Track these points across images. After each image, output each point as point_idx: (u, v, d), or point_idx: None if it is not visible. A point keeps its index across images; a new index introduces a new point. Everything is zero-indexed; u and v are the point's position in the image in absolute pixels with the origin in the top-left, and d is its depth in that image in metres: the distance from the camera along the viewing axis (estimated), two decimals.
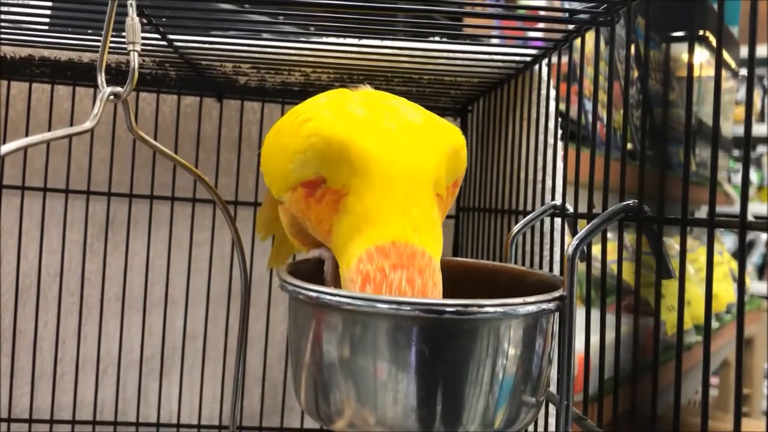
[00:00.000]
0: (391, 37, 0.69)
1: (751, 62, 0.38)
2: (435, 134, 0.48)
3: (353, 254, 0.43)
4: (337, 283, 0.51)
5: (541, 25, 0.64)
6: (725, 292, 1.98)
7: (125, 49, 0.47)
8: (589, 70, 1.15)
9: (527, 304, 0.41)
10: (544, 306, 0.42)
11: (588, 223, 0.45)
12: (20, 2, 0.67)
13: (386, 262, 0.42)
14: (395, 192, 0.44)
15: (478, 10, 0.68)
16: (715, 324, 1.88)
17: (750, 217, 0.36)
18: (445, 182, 0.48)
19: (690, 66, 0.44)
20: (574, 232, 0.55)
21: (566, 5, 1.18)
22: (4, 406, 0.89)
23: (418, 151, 0.46)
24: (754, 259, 3.41)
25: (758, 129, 3.25)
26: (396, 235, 0.43)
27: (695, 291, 1.47)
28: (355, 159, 0.45)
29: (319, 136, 0.45)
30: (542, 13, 0.61)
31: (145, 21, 0.59)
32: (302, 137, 0.46)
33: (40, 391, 0.90)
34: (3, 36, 0.69)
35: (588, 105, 1.25)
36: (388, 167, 0.45)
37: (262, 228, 0.67)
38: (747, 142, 0.39)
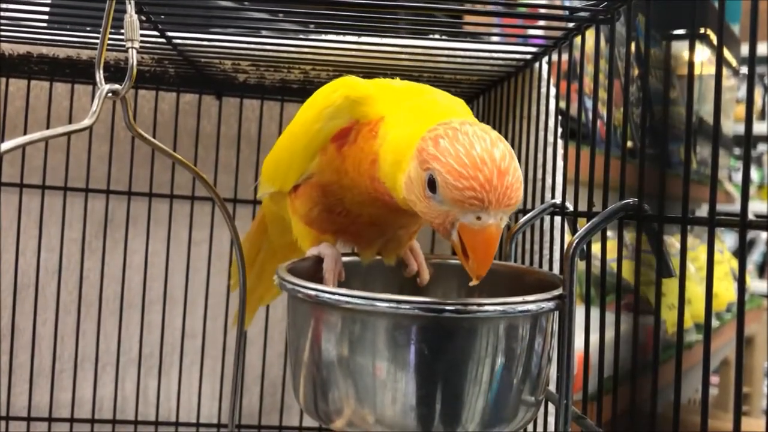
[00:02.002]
0: (391, 34, 0.69)
1: (752, 60, 0.37)
2: (432, 92, 0.52)
3: (419, 138, 0.42)
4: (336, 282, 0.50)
5: (541, 23, 0.64)
6: (726, 291, 1.98)
7: (124, 46, 0.47)
8: (589, 68, 1.15)
9: (527, 303, 0.41)
10: (544, 305, 0.42)
11: (588, 222, 0.44)
12: None
13: (454, 122, 0.41)
14: (435, 103, 0.49)
15: (479, 7, 0.67)
16: (715, 323, 1.88)
17: (750, 216, 0.36)
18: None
19: (691, 64, 0.44)
20: (573, 231, 0.55)
21: (567, 3, 1.18)
22: (3, 404, 0.89)
23: (424, 95, 0.51)
24: (754, 257, 3.41)
25: (759, 127, 3.25)
26: (444, 117, 0.44)
27: (695, 290, 1.47)
28: (382, 98, 0.49)
29: (346, 86, 0.50)
30: (543, 11, 0.61)
31: (143, 18, 0.59)
32: (326, 98, 0.50)
33: (38, 389, 0.90)
34: (2, 33, 0.69)
35: (588, 103, 1.25)
36: (416, 98, 0.49)
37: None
38: (748, 141, 0.39)
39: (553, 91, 0.67)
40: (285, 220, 0.60)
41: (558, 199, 0.59)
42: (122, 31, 0.47)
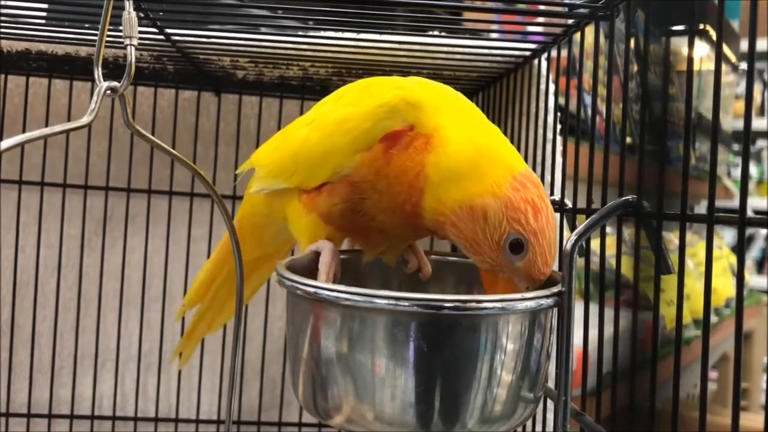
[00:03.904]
0: (389, 31, 0.68)
1: (751, 56, 0.37)
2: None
3: (502, 178, 0.45)
4: (337, 273, 0.50)
5: (540, 19, 0.64)
6: (724, 287, 1.98)
7: (122, 43, 0.47)
8: (588, 65, 1.15)
9: (526, 300, 0.41)
10: (543, 301, 0.42)
11: (587, 219, 0.44)
12: None
13: (535, 191, 0.45)
14: (490, 129, 0.49)
15: (478, 4, 0.67)
16: (714, 318, 1.88)
17: (750, 212, 0.36)
18: None
19: (690, 60, 0.44)
20: (573, 227, 0.55)
21: (566, 0, 1.17)
22: (2, 400, 0.89)
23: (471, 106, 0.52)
24: (753, 253, 3.42)
25: (758, 123, 3.25)
26: (519, 164, 0.46)
27: (694, 285, 1.47)
28: (437, 107, 0.48)
29: (404, 89, 0.49)
30: (542, 7, 0.61)
31: (142, 15, 0.59)
32: (379, 98, 0.49)
33: (38, 386, 0.90)
34: (0, 30, 0.69)
35: (587, 99, 1.25)
36: (469, 114, 0.50)
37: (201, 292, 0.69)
38: (747, 137, 0.39)
39: (552, 87, 0.67)
40: (276, 223, 0.59)
41: (557, 196, 0.59)
42: (121, 28, 0.47)
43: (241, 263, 0.54)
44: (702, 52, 1.56)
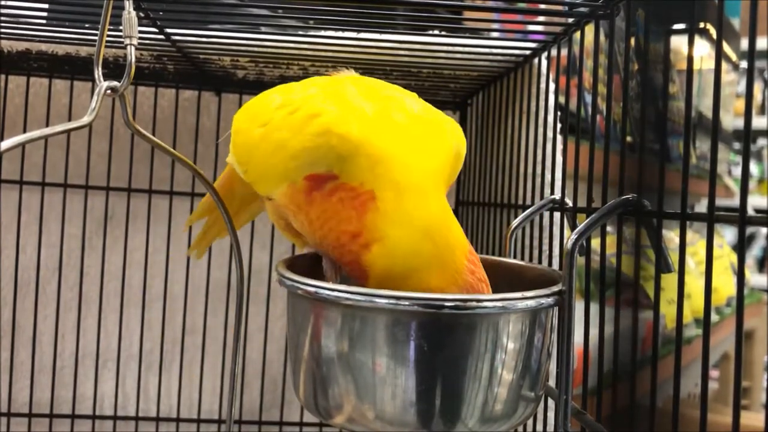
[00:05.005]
0: (390, 30, 0.68)
1: (752, 55, 0.37)
2: (442, 131, 0.47)
3: (460, 264, 0.43)
4: (337, 276, 0.50)
5: (540, 18, 0.64)
6: (725, 285, 1.98)
7: (122, 43, 0.47)
8: (588, 63, 1.15)
9: (526, 299, 0.41)
10: (543, 300, 0.42)
11: (587, 217, 0.44)
12: None
13: (480, 266, 0.45)
14: (427, 194, 0.43)
15: (478, 3, 0.67)
16: (715, 317, 1.88)
17: (750, 210, 0.36)
18: (449, 182, 0.48)
19: (690, 58, 0.44)
20: (573, 227, 0.55)
21: None
22: (4, 400, 0.89)
23: (432, 148, 0.45)
24: (754, 252, 3.42)
25: (758, 122, 3.25)
26: (461, 236, 0.45)
27: (695, 284, 1.47)
28: (375, 158, 0.43)
29: (334, 134, 0.42)
30: (542, 6, 0.61)
31: (142, 15, 0.59)
32: (310, 134, 0.43)
33: (39, 386, 0.90)
34: (1, 30, 0.69)
35: (588, 98, 1.25)
36: (410, 166, 0.43)
37: (199, 217, 0.61)
38: (747, 135, 0.39)
39: (552, 86, 0.67)
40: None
41: (557, 195, 0.59)
42: (121, 27, 0.47)
43: (241, 263, 0.54)
44: (702, 50, 1.56)
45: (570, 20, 0.58)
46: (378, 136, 0.43)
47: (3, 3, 0.64)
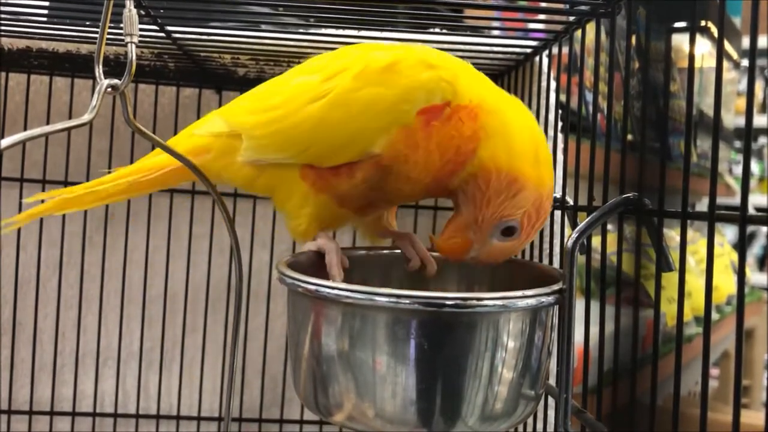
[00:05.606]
0: (391, 28, 0.68)
1: (753, 53, 0.37)
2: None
3: (548, 179, 0.49)
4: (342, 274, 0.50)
5: (542, 16, 0.64)
6: (726, 284, 1.98)
7: (123, 40, 0.47)
8: (589, 62, 1.15)
9: (527, 298, 0.41)
10: (544, 299, 0.42)
11: (588, 216, 0.44)
12: None
13: (547, 212, 0.51)
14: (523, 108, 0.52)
15: (479, 1, 0.67)
16: (715, 316, 1.88)
17: (751, 209, 0.36)
18: None
19: (691, 57, 0.44)
20: (574, 225, 0.55)
21: None
22: (4, 398, 0.89)
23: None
24: (755, 250, 3.42)
25: (759, 120, 3.24)
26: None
27: (696, 283, 1.47)
28: (475, 79, 0.51)
29: (437, 68, 0.49)
30: (543, 4, 0.61)
31: (142, 12, 0.59)
32: (417, 78, 0.48)
33: (40, 384, 0.90)
34: (1, 28, 0.69)
35: (589, 96, 1.25)
36: (503, 95, 0.52)
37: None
38: (748, 134, 0.39)
39: (553, 84, 0.67)
40: (237, 178, 0.55)
41: (558, 194, 0.59)
42: (121, 25, 0.47)
43: (240, 263, 0.54)
44: (703, 49, 1.56)
45: (571, 18, 0.58)
46: (462, 70, 0.51)
47: (4, 0, 0.64)
